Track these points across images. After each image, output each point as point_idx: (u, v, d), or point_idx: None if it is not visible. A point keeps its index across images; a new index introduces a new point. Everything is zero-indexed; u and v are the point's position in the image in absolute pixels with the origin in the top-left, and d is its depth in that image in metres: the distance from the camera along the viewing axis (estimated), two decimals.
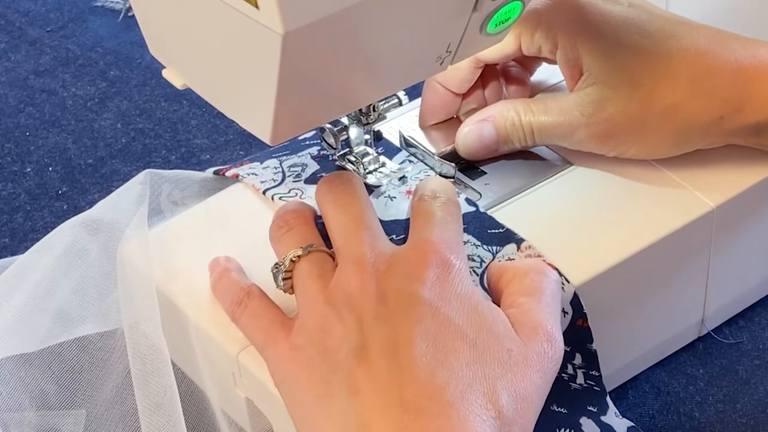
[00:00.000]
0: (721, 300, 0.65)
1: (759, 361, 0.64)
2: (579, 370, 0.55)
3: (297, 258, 0.54)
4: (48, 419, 0.59)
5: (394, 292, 0.51)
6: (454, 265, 0.52)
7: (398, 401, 0.47)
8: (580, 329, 0.56)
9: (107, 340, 0.60)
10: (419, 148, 0.64)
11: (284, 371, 0.52)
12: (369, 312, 0.50)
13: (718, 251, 0.62)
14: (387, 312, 0.50)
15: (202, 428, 0.60)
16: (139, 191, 0.64)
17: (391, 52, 0.51)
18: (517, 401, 0.49)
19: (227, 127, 0.85)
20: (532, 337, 0.51)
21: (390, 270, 0.52)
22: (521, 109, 0.61)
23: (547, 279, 0.54)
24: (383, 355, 0.49)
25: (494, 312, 0.52)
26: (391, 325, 0.50)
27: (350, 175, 0.58)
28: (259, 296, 0.56)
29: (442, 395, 0.47)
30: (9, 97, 0.90)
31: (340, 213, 0.55)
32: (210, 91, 0.56)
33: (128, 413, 0.59)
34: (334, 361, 0.50)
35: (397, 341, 0.49)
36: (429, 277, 0.51)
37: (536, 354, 0.50)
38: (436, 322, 0.49)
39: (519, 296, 0.53)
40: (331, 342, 0.50)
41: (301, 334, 0.52)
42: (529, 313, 0.52)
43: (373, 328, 0.50)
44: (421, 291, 0.50)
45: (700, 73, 0.59)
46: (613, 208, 0.61)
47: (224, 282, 0.57)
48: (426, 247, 0.52)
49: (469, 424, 0.47)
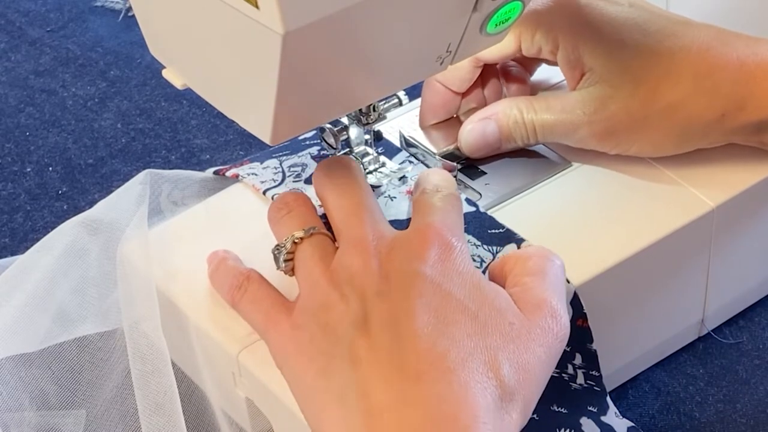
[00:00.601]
0: (721, 300, 0.65)
1: (759, 361, 0.64)
2: (579, 370, 0.55)
3: (299, 240, 0.54)
4: (48, 419, 0.59)
5: (396, 271, 0.51)
6: (455, 246, 0.52)
7: (399, 369, 0.48)
8: (580, 329, 0.56)
9: (107, 340, 0.60)
10: (419, 148, 0.64)
11: (286, 352, 0.52)
12: (371, 288, 0.51)
13: (718, 251, 0.62)
14: (389, 288, 0.50)
15: (202, 428, 0.60)
16: (139, 191, 0.64)
17: (391, 52, 0.51)
18: (519, 372, 0.49)
19: (227, 127, 0.85)
20: (536, 313, 0.51)
21: (392, 251, 0.52)
22: (524, 107, 0.61)
23: (550, 262, 0.54)
24: (384, 328, 0.49)
25: (496, 289, 0.52)
26: (392, 300, 0.50)
27: (348, 160, 0.58)
28: (259, 280, 0.56)
29: (443, 362, 0.47)
30: (9, 97, 0.90)
31: (340, 197, 0.55)
32: (210, 91, 0.56)
33: (128, 413, 0.59)
34: (335, 335, 0.50)
35: (399, 314, 0.49)
36: (431, 256, 0.51)
37: (540, 328, 0.50)
38: (437, 296, 0.50)
39: (523, 276, 0.53)
40: (333, 318, 0.51)
41: (303, 314, 0.52)
42: (533, 291, 0.52)
43: (374, 303, 0.50)
44: (423, 268, 0.51)
45: (703, 71, 0.59)
46: (614, 208, 0.61)
47: (222, 269, 0.57)
48: (428, 230, 0.53)
49: (469, 390, 0.47)
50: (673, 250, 0.60)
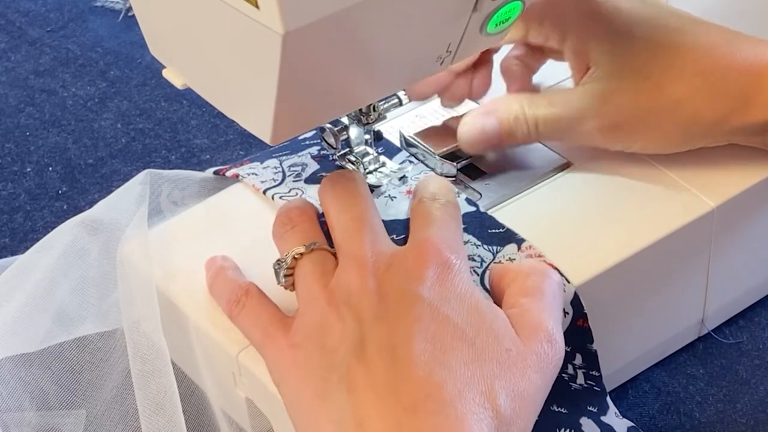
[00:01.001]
0: (721, 300, 0.65)
1: (759, 361, 0.64)
2: (579, 370, 0.55)
3: (299, 255, 0.54)
4: (48, 419, 0.59)
5: (394, 291, 0.51)
6: (454, 265, 0.52)
7: (395, 399, 0.47)
8: (580, 329, 0.56)
9: (107, 340, 0.60)
10: (419, 148, 0.64)
11: (282, 369, 0.52)
12: (368, 310, 0.50)
13: (718, 251, 0.62)
14: (386, 311, 0.50)
15: (202, 428, 0.60)
16: (139, 191, 0.64)
17: (391, 52, 0.51)
18: (515, 400, 0.48)
19: (227, 127, 0.85)
20: (532, 338, 0.51)
21: (390, 269, 0.52)
22: (525, 103, 0.61)
23: (548, 280, 0.54)
24: (381, 354, 0.49)
25: (494, 311, 0.51)
26: (389, 323, 0.50)
27: (354, 174, 0.58)
28: (257, 295, 0.56)
29: (440, 393, 0.47)
30: (9, 97, 0.90)
31: (342, 212, 0.55)
32: (210, 91, 0.56)
33: (128, 413, 0.59)
34: (333, 359, 0.50)
35: (396, 340, 0.49)
36: (428, 276, 0.51)
37: (535, 354, 0.50)
38: (435, 320, 0.49)
39: (520, 297, 0.53)
40: (330, 340, 0.50)
41: (300, 332, 0.52)
42: (530, 313, 0.52)
43: (371, 327, 0.50)
44: (421, 290, 0.50)
45: (708, 69, 0.58)
46: (614, 208, 0.61)
47: (221, 281, 0.57)
48: (426, 246, 0.52)
49: (466, 422, 0.47)
50: (673, 250, 0.60)
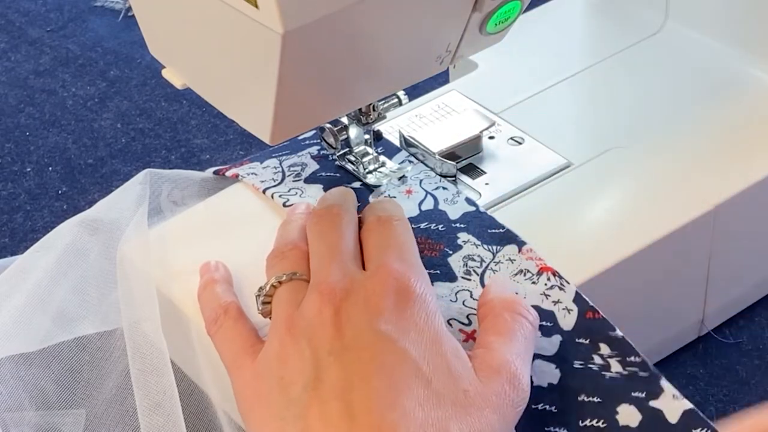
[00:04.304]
0: (721, 300, 0.65)
1: (759, 361, 0.64)
2: (611, 359, 0.54)
3: (278, 284, 0.54)
4: (48, 419, 0.59)
5: (350, 325, 0.50)
6: (414, 292, 0.51)
7: None
8: (592, 321, 0.55)
9: (107, 339, 0.60)
10: (419, 147, 0.64)
11: (245, 398, 0.51)
12: (324, 346, 0.49)
13: (718, 251, 0.62)
14: (342, 347, 0.49)
15: (202, 428, 0.60)
16: (139, 191, 0.64)
17: (391, 51, 0.51)
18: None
19: (227, 127, 0.85)
20: (494, 378, 0.49)
21: (349, 298, 0.51)
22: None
23: (521, 320, 0.52)
24: (336, 396, 0.48)
25: (454, 347, 0.50)
26: (345, 362, 0.49)
27: (340, 208, 0.56)
28: (235, 317, 0.55)
29: None
30: (9, 97, 0.90)
31: (318, 241, 0.55)
32: (210, 91, 0.56)
33: (128, 413, 0.59)
34: (289, 395, 0.49)
35: (350, 379, 0.48)
36: (387, 307, 0.50)
37: (495, 395, 0.49)
38: (391, 357, 0.48)
39: (490, 335, 0.52)
40: (288, 372, 0.50)
41: (263, 361, 0.51)
42: (496, 353, 0.50)
43: (328, 364, 0.49)
44: (377, 324, 0.49)
45: None
46: (613, 208, 0.61)
47: (207, 295, 0.57)
48: (385, 273, 0.51)
49: None
50: (673, 250, 0.60)
